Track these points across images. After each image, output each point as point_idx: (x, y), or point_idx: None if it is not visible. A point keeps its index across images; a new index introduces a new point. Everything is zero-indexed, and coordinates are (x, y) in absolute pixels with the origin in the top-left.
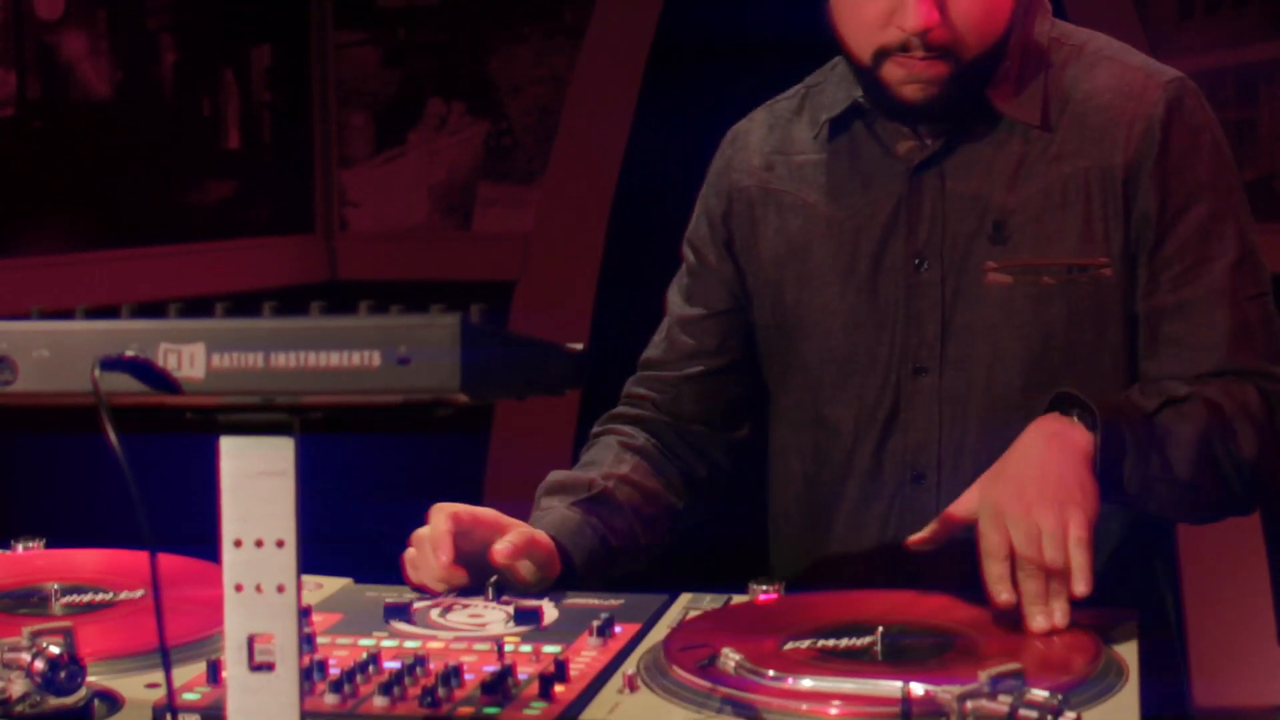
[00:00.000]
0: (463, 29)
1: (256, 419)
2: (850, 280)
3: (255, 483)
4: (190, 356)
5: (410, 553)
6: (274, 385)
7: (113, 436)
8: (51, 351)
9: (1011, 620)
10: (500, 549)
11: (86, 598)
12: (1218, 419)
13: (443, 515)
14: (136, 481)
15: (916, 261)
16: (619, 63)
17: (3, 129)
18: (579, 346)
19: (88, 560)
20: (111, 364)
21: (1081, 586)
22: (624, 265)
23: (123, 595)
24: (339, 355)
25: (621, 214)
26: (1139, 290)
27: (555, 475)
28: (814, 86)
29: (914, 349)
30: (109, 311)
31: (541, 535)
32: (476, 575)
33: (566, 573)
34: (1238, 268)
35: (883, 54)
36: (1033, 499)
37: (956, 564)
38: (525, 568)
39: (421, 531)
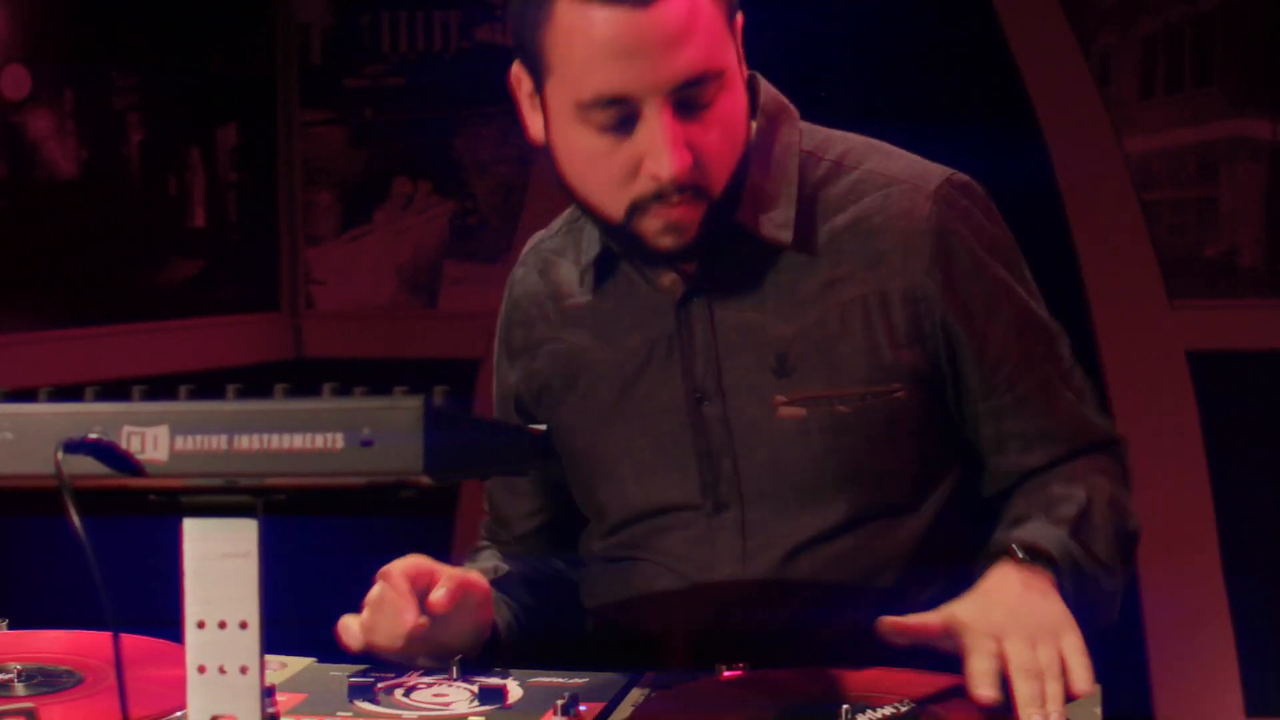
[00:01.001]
0: (429, 109)
1: (220, 501)
2: (636, 423)
3: (219, 564)
4: (154, 439)
5: (363, 617)
6: (237, 468)
7: (76, 519)
8: (14, 434)
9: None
10: (436, 599)
11: (50, 679)
12: (1112, 510)
13: (398, 573)
14: (100, 563)
15: (698, 396)
16: None
17: None
18: (542, 427)
19: (51, 641)
20: (75, 446)
21: (1084, 684)
22: None
23: (86, 676)
24: (302, 438)
25: None
26: (970, 396)
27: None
28: (575, 222)
29: (711, 486)
30: (73, 393)
31: (476, 575)
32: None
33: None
34: (1051, 348)
35: (636, 208)
36: (1024, 617)
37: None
38: (456, 623)
39: (375, 593)
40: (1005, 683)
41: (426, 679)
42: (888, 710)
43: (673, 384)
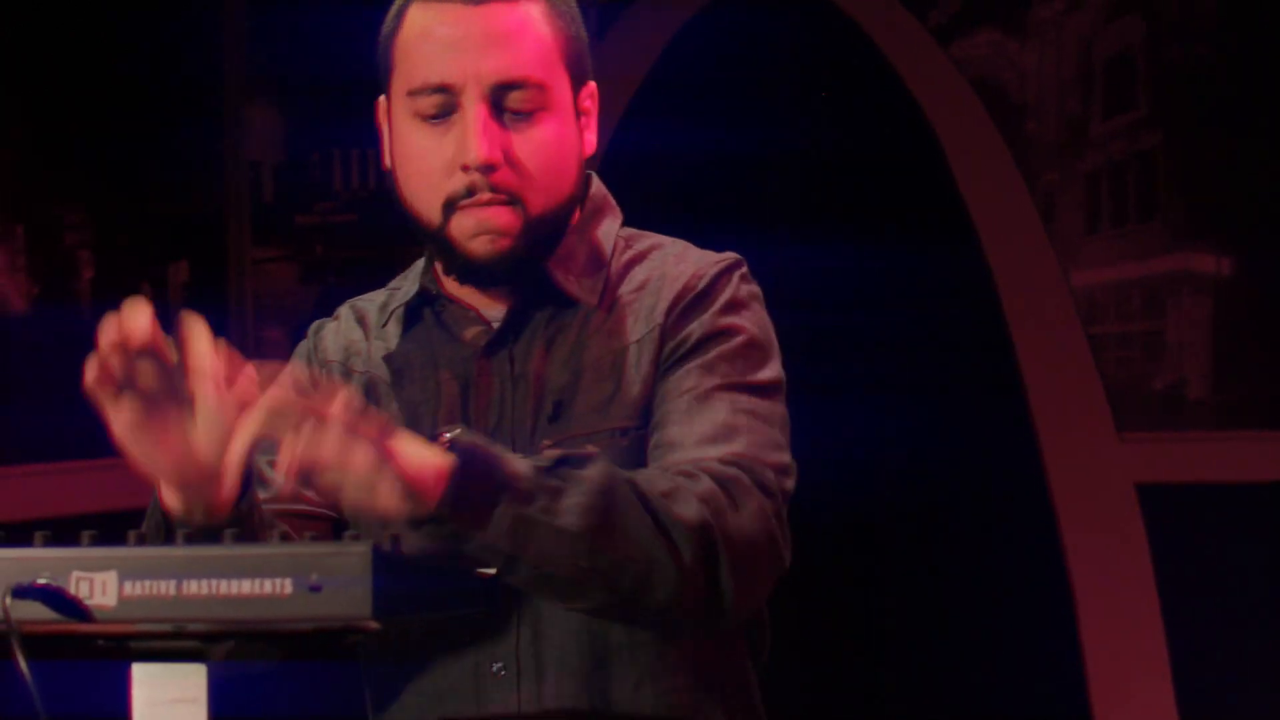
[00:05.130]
0: (380, 245)
1: (168, 646)
2: None
3: (168, 710)
4: (102, 584)
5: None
6: (186, 613)
7: (23, 664)
8: None
9: None
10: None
11: None
12: (643, 482)
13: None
14: (48, 709)
15: None
16: None
17: None
18: (492, 571)
19: None
20: (23, 592)
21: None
22: None
23: None
24: (251, 583)
25: None
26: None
27: None
28: (396, 290)
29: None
30: (22, 535)
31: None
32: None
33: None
34: (731, 379)
35: (450, 205)
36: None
37: None
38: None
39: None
40: None
41: None
42: None
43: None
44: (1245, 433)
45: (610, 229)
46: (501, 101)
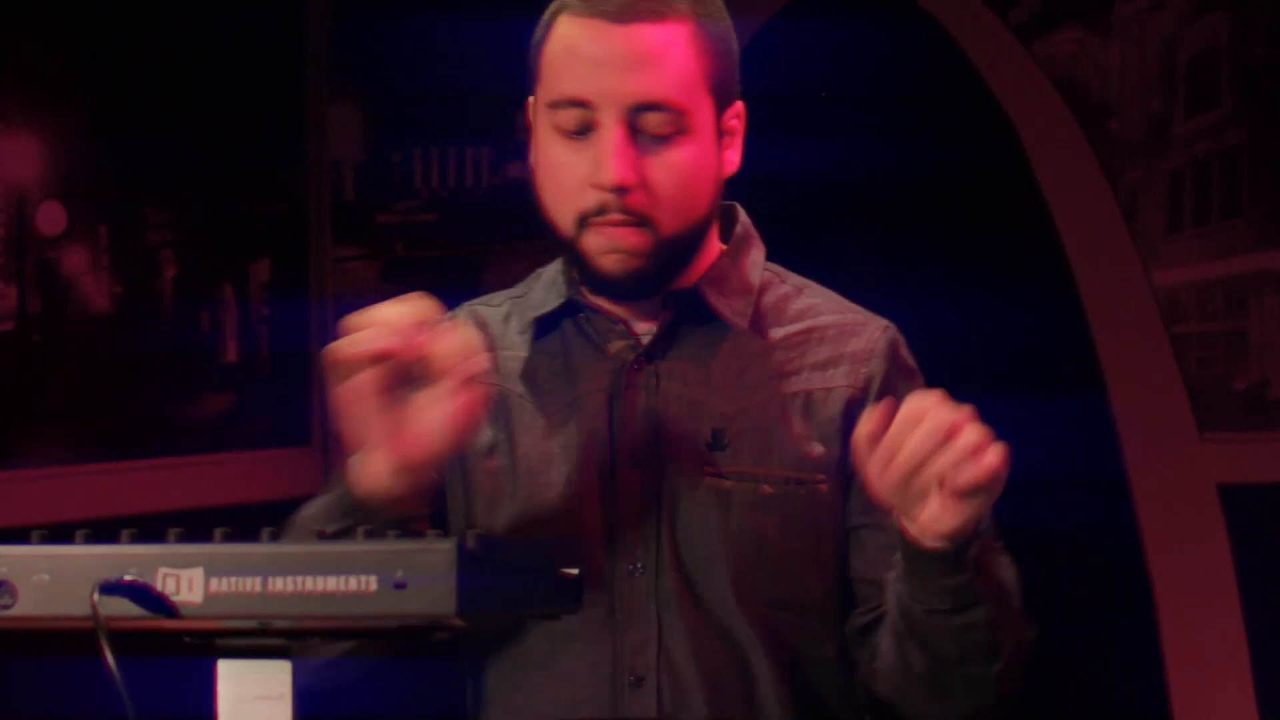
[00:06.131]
0: (460, 244)
1: (254, 643)
2: (563, 477)
3: (253, 707)
4: (189, 581)
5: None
6: (271, 610)
7: (111, 660)
8: (51, 576)
9: None
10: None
11: None
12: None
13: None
14: (135, 705)
15: (630, 460)
16: None
17: (3, 343)
18: (574, 571)
19: None
20: (111, 589)
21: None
22: None
23: None
24: (336, 580)
25: None
26: (855, 504)
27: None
28: (518, 297)
29: (629, 548)
30: (108, 531)
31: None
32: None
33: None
34: None
35: (583, 221)
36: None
37: None
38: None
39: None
40: None
41: None
42: None
43: (607, 445)
44: None
45: (757, 260)
46: (639, 123)
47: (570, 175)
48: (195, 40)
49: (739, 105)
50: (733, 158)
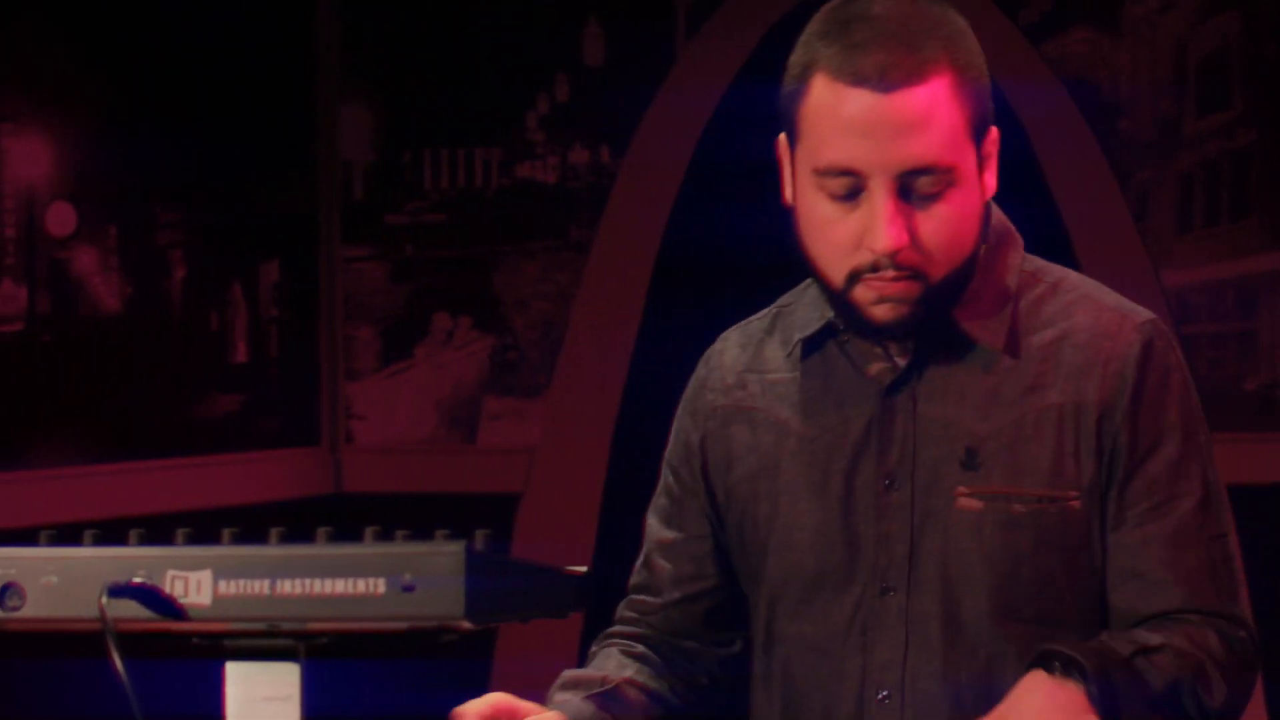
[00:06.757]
0: (469, 245)
1: (262, 645)
2: (821, 498)
3: (261, 708)
4: (197, 583)
5: None
6: (279, 612)
7: (119, 662)
8: (60, 578)
9: None
10: None
11: None
12: (1187, 669)
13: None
14: (143, 707)
15: (887, 482)
16: (624, 278)
17: (12, 343)
18: (582, 569)
19: None
20: (119, 591)
21: None
22: (628, 479)
23: None
24: (344, 583)
25: (626, 428)
26: (1106, 523)
27: (568, 673)
28: (785, 307)
29: (882, 569)
30: (116, 532)
31: (556, 715)
32: None
33: None
34: (1202, 508)
35: (854, 276)
36: None
37: None
38: None
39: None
40: None
41: None
42: None
43: (866, 467)
44: None
45: (1013, 262)
46: (910, 186)
47: (841, 235)
48: (205, 41)
49: (994, 132)
50: (991, 181)
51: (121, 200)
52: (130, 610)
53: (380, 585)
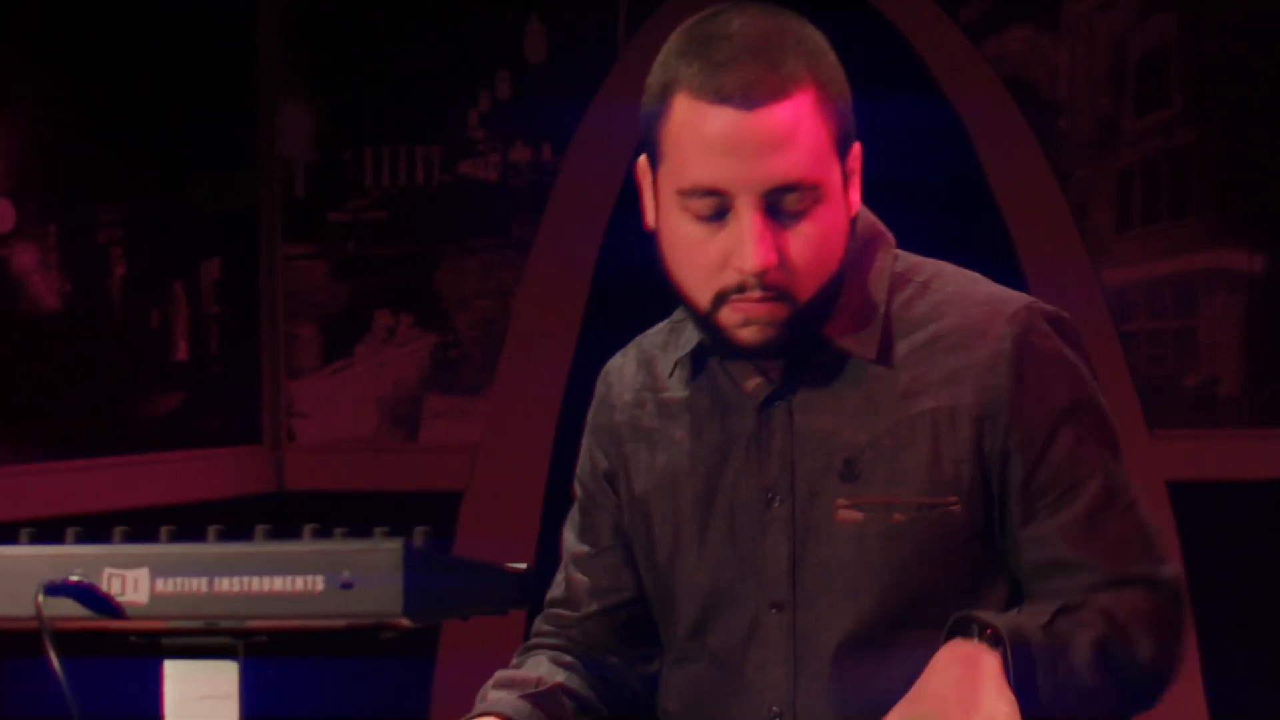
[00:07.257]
0: (411, 242)
1: (200, 643)
2: (711, 515)
3: (199, 706)
4: (134, 581)
5: None
6: (217, 610)
7: (56, 661)
8: None
9: None
10: None
11: None
12: (1113, 625)
13: None
14: (80, 706)
15: (769, 496)
16: (566, 276)
17: None
18: (522, 566)
19: None
20: (56, 589)
21: None
22: (571, 477)
23: None
24: (283, 580)
25: (568, 426)
26: (1012, 520)
27: (502, 672)
28: (678, 323)
29: (770, 585)
30: (54, 531)
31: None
32: None
33: None
34: (1107, 484)
35: (720, 298)
36: (952, 703)
37: None
38: None
39: None
40: None
41: None
42: None
43: (748, 483)
44: (1277, 430)
45: (882, 266)
46: (777, 204)
47: (707, 256)
48: (146, 38)
49: (857, 148)
50: (855, 198)
51: (61, 198)
52: (67, 609)
53: (319, 583)
